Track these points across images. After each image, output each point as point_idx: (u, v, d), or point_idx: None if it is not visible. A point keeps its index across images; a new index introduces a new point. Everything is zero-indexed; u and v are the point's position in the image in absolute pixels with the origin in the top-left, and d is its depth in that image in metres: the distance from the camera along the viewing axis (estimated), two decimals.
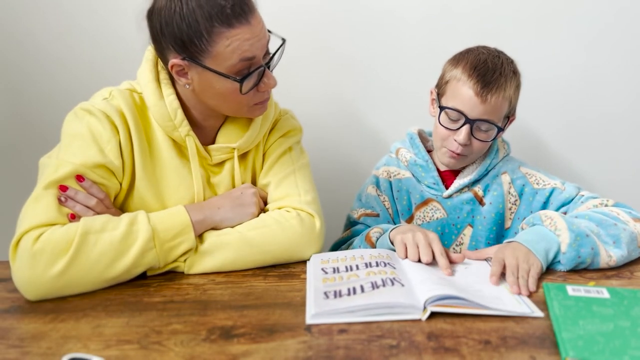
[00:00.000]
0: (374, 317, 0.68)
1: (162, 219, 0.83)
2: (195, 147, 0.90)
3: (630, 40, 1.30)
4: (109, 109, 0.85)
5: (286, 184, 0.97)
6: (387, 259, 0.85)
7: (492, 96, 0.95)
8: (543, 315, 0.68)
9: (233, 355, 0.61)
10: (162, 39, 0.82)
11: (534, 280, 0.78)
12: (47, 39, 1.36)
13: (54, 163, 0.82)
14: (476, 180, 1.06)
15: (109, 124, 0.85)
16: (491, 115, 0.97)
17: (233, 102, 0.86)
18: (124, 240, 0.78)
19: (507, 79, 0.97)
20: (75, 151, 0.83)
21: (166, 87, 0.88)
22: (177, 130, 0.88)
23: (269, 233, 0.89)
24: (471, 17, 1.32)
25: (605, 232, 0.85)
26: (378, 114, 1.41)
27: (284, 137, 1.02)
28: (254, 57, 0.83)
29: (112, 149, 0.85)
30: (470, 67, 0.97)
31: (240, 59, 0.81)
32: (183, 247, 0.83)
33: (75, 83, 1.37)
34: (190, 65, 0.83)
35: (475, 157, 1.04)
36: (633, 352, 0.58)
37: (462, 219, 1.08)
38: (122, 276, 0.80)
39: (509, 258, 0.80)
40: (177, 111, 0.87)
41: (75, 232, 0.76)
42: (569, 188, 1.01)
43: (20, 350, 0.63)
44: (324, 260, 0.88)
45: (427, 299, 0.69)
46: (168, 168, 0.91)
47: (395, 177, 1.12)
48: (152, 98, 0.87)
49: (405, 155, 1.11)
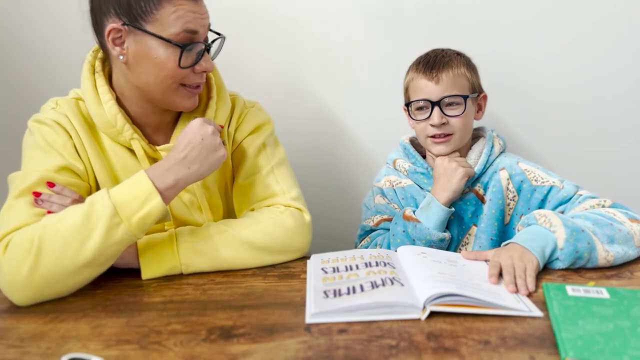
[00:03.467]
0: (374, 317, 0.69)
1: (122, 192, 0.79)
2: (142, 149, 0.90)
3: (630, 40, 1.30)
4: (58, 116, 0.88)
5: (268, 184, 0.98)
6: (387, 259, 0.85)
7: (442, 74, 1.03)
8: (542, 315, 0.68)
9: (233, 355, 0.61)
10: (103, 3, 0.82)
11: (532, 279, 0.78)
12: (45, 39, 1.36)
13: (20, 175, 0.84)
14: (476, 179, 1.07)
15: (62, 129, 0.88)
16: (450, 90, 1.03)
17: (165, 77, 0.85)
18: (85, 222, 0.76)
19: (452, 58, 1.05)
20: (37, 160, 0.85)
21: (104, 93, 0.88)
22: (121, 135, 0.89)
23: (263, 229, 0.90)
24: (471, 17, 1.32)
25: (601, 232, 0.85)
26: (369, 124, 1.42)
27: (255, 133, 1.01)
28: (197, 32, 0.84)
29: (70, 152, 0.87)
30: (417, 63, 1.08)
31: (183, 29, 0.82)
32: (154, 213, 0.79)
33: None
34: (129, 32, 0.82)
35: (462, 135, 1.05)
36: (633, 352, 0.58)
37: (468, 220, 1.08)
38: (98, 258, 0.77)
39: (504, 259, 0.81)
40: (117, 116, 0.88)
41: (35, 228, 0.76)
42: (567, 187, 1.00)
43: (20, 350, 0.63)
44: (324, 260, 0.88)
45: (427, 298, 0.69)
46: (122, 170, 0.92)
47: (397, 186, 1.14)
48: (92, 106, 0.88)
49: (403, 166, 1.13)
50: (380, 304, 0.69)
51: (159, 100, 0.89)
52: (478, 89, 1.08)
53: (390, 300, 0.70)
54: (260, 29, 1.36)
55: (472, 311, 0.69)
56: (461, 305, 0.69)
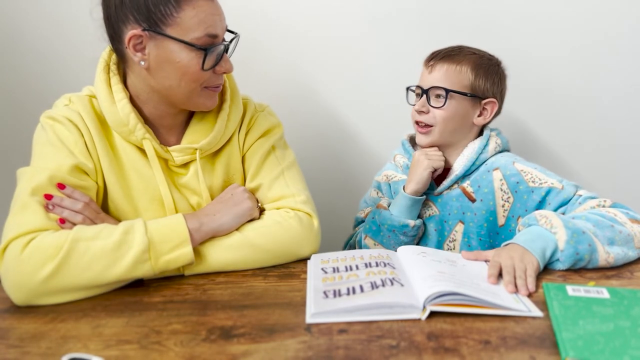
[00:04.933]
0: (373, 317, 0.69)
1: (159, 230, 0.80)
2: (153, 149, 0.90)
3: (629, 39, 1.30)
4: (71, 114, 0.88)
5: (277, 186, 0.96)
6: (387, 259, 0.85)
7: (437, 65, 1.05)
8: (542, 315, 0.68)
9: (233, 355, 0.61)
10: (120, 10, 0.81)
11: (532, 279, 0.78)
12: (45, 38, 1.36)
13: (29, 171, 0.83)
14: (464, 175, 1.07)
15: (73, 127, 0.87)
16: (440, 82, 1.04)
17: (188, 82, 0.85)
18: (116, 249, 0.77)
19: (460, 55, 1.06)
20: (48, 157, 0.85)
21: (118, 92, 0.88)
22: (133, 135, 0.88)
23: (269, 233, 0.89)
24: (471, 18, 1.32)
25: (601, 233, 0.85)
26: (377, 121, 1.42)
27: (265, 137, 1.00)
28: (217, 36, 0.84)
29: (81, 150, 0.87)
30: (430, 53, 1.10)
31: (206, 33, 0.82)
32: (180, 261, 0.81)
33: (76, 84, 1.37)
34: (150, 37, 0.82)
35: (443, 130, 1.06)
36: (633, 352, 0.58)
37: (453, 216, 1.08)
38: (113, 285, 0.79)
39: (504, 259, 0.81)
40: (130, 116, 0.87)
41: (65, 239, 0.76)
42: (567, 187, 0.99)
43: (20, 350, 0.63)
44: (324, 260, 0.88)
45: (426, 298, 0.69)
46: (132, 170, 0.91)
47: (393, 180, 1.18)
48: (105, 104, 0.88)
49: (399, 161, 1.17)
50: (380, 305, 0.69)
51: (181, 102, 0.89)
52: (482, 93, 1.06)
53: (390, 301, 0.70)
54: (266, 31, 1.37)
55: (471, 311, 0.68)
56: (461, 305, 0.69)
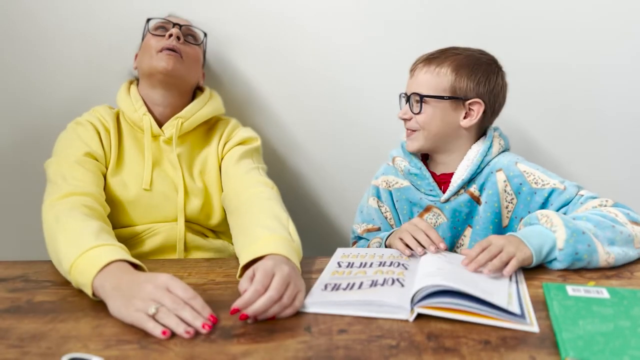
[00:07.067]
0: (361, 313, 0.70)
1: (83, 261, 0.76)
2: (149, 124, 1.10)
3: (629, 39, 1.30)
4: (92, 118, 1.10)
5: (252, 175, 1.08)
6: (405, 260, 0.87)
7: (417, 70, 1.05)
8: (537, 331, 0.64)
9: (233, 355, 0.61)
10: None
11: (513, 266, 0.78)
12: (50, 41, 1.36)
13: (54, 160, 1.03)
14: (470, 179, 1.05)
15: (92, 127, 1.08)
16: (418, 88, 1.03)
17: (146, 50, 1.12)
18: (61, 254, 0.80)
19: (443, 55, 1.03)
20: (67, 148, 1.04)
21: (134, 91, 1.14)
22: (136, 112, 1.10)
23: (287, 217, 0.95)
24: (471, 18, 1.32)
25: (602, 234, 0.85)
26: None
27: (243, 144, 1.16)
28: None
29: (95, 143, 1.06)
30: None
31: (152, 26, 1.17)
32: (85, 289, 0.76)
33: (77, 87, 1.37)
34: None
35: (428, 134, 1.04)
36: (633, 352, 0.58)
37: (462, 221, 1.07)
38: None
39: (496, 239, 0.82)
40: (138, 99, 1.12)
41: (55, 218, 0.88)
42: (569, 188, 0.99)
43: (20, 350, 0.63)
44: (344, 255, 0.93)
45: (415, 292, 0.70)
46: (128, 148, 1.10)
47: (394, 187, 1.13)
48: (121, 95, 1.14)
49: (400, 165, 1.11)
50: (369, 302, 0.71)
51: (148, 72, 1.12)
52: (464, 94, 1.01)
53: (380, 300, 0.71)
54: (270, 31, 1.36)
55: (458, 317, 0.66)
56: (450, 310, 0.67)
